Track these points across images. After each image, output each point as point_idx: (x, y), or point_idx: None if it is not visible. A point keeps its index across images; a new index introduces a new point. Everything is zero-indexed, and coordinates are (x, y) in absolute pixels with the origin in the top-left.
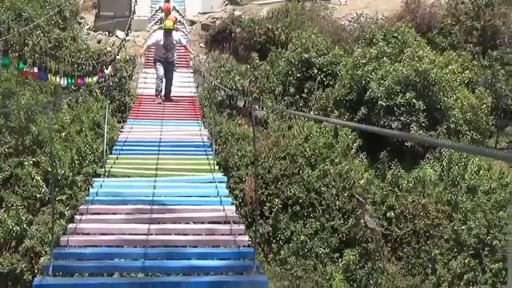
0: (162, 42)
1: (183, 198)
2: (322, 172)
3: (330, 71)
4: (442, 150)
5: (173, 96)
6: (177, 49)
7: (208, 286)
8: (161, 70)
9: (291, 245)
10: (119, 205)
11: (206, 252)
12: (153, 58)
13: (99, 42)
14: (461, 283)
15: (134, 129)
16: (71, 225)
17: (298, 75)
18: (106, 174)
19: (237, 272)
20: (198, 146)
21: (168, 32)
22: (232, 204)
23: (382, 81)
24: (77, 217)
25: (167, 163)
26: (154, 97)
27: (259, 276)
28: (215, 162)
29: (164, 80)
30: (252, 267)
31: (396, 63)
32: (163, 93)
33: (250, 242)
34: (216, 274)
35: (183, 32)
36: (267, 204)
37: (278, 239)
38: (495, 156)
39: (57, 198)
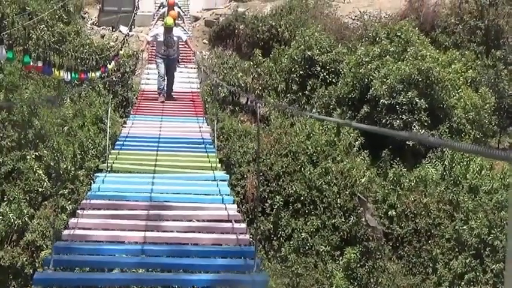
0: (161, 39)
1: (185, 195)
2: (323, 170)
3: (332, 69)
4: (444, 150)
5: (176, 92)
6: (180, 46)
7: (208, 284)
8: (162, 68)
9: (291, 242)
10: (120, 201)
11: (207, 251)
12: (155, 55)
13: (102, 37)
14: (462, 283)
15: (136, 125)
16: (72, 220)
17: (301, 72)
18: (108, 169)
19: (237, 270)
20: (200, 143)
21: (168, 29)
22: (233, 202)
23: (384, 80)
24: (79, 212)
25: (168, 159)
26: (157, 95)
27: (260, 276)
28: (217, 159)
29: (166, 78)
30: (252, 266)
31: (399, 62)
32: (165, 91)
33: (251, 241)
34: (216, 272)
35: (183, 28)
36: (268, 201)
37: (279, 236)
38: (497, 157)
39: (59, 193)
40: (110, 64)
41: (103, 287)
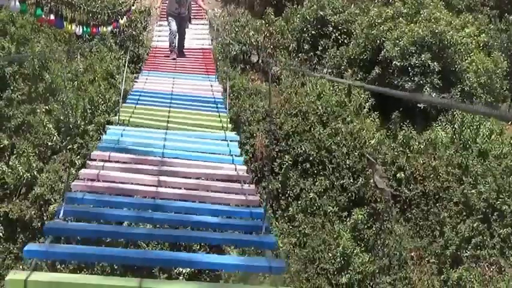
0: None
1: (195, 153)
2: (333, 130)
3: (345, 30)
4: (454, 113)
5: (187, 50)
6: (192, 4)
7: (216, 243)
8: (174, 25)
9: (299, 202)
10: (131, 154)
11: (215, 210)
12: (166, 12)
13: None
14: (469, 247)
15: (148, 81)
16: (83, 171)
17: (313, 32)
18: (119, 122)
19: (245, 231)
20: (211, 101)
21: None
22: (243, 164)
23: (397, 42)
24: (89, 163)
25: (179, 116)
26: (169, 52)
27: (268, 237)
28: (228, 119)
29: (177, 35)
30: (261, 227)
31: (412, 24)
32: (176, 48)
33: (260, 202)
34: (224, 231)
35: None
36: (277, 160)
37: (287, 195)
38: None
39: (68, 147)
40: (121, 19)
41: (112, 240)
